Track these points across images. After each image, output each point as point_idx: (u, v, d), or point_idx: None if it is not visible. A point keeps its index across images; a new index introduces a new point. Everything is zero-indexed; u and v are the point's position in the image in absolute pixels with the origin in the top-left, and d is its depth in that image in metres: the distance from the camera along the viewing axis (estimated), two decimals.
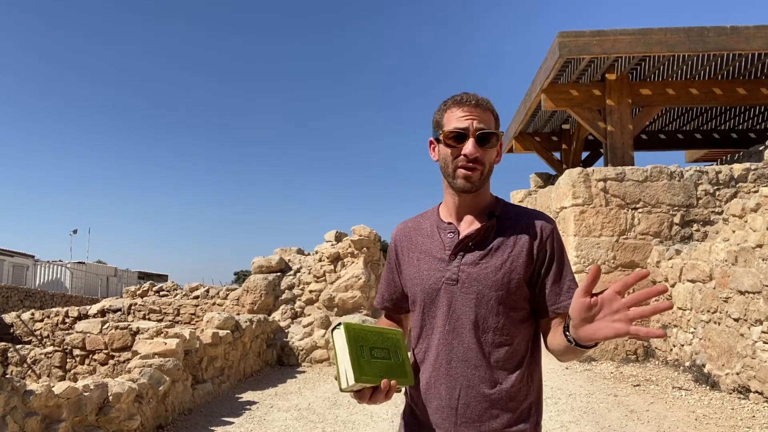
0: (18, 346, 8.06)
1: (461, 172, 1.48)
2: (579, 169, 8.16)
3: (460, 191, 1.51)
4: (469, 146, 1.45)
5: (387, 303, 1.72)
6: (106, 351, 7.73)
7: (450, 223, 1.57)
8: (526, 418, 1.48)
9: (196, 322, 10.32)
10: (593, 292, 1.23)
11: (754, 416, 5.00)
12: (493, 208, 1.56)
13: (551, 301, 1.49)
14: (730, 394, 5.73)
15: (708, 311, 6.29)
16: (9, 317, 10.04)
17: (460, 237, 1.53)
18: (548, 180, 12.72)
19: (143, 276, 33.65)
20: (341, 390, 1.36)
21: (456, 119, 1.48)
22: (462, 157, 1.47)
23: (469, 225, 1.55)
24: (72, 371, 7.73)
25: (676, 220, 7.89)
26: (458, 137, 1.47)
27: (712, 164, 10.44)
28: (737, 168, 8.00)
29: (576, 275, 7.78)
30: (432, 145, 1.58)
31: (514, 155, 14.23)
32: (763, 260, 5.33)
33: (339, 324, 1.40)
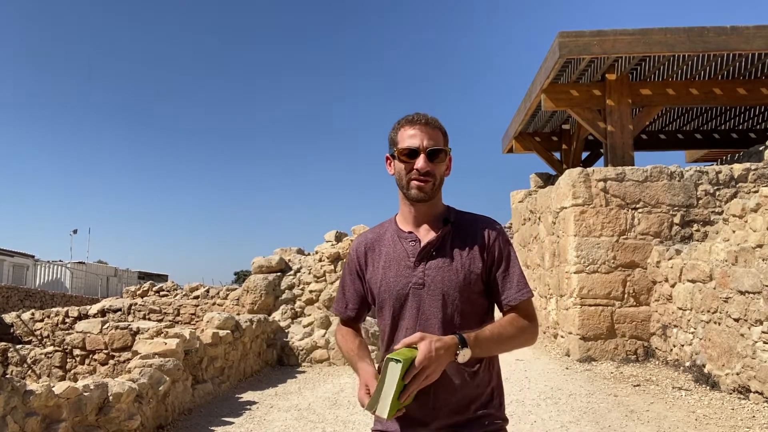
0: (18, 346, 8.06)
1: (414, 183, 1.64)
2: (579, 169, 8.15)
3: (415, 201, 1.67)
4: (420, 162, 1.63)
5: (350, 312, 1.82)
6: (106, 351, 7.73)
7: (410, 232, 1.70)
8: (490, 400, 1.66)
9: (196, 322, 10.32)
10: None
11: (754, 416, 5.00)
12: (446, 216, 1.72)
13: (503, 296, 1.66)
14: (730, 394, 5.73)
15: (708, 311, 6.29)
16: (9, 317, 10.04)
17: (422, 244, 1.67)
18: (548, 180, 12.72)
19: (143, 276, 33.66)
20: (370, 411, 1.47)
21: (408, 137, 1.65)
22: (415, 171, 1.63)
23: (427, 232, 1.69)
24: (72, 371, 7.73)
25: (676, 220, 7.89)
26: (410, 154, 1.64)
27: (712, 164, 10.43)
28: (737, 168, 8.00)
29: (575, 275, 7.82)
30: (388, 161, 1.74)
31: (514, 155, 14.22)
32: (763, 260, 5.33)
33: (398, 359, 1.42)
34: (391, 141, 1.71)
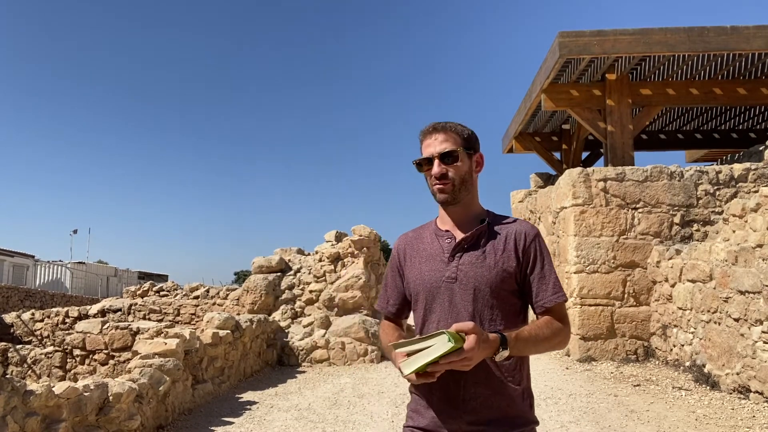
0: (18, 346, 8.06)
1: (435, 188, 1.74)
2: (579, 169, 8.15)
3: (442, 204, 1.77)
4: (434, 167, 1.72)
5: (391, 308, 1.90)
6: (106, 351, 7.73)
7: (447, 231, 1.79)
8: (521, 402, 1.68)
9: (196, 322, 10.33)
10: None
11: (754, 416, 5.01)
12: (483, 217, 1.79)
13: (538, 298, 1.70)
14: (731, 394, 5.73)
15: (708, 311, 6.29)
16: (9, 317, 10.04)
17: (457, 241, 1.74)
18: (548, 180, 12.72)
19: (143, 276, 33.66)
20: (393, 348, 1.54)
21: (424, 148, 1.76)
22: (432, 177, 1.73)
23: (463, 232, 1.76)
24: (72, 371, 7.74)
25: (676, 220, 7.89)
26: (428, 162, 1.75)
27: (712, 164, 10.43)
28: (737, 168, 8.00)
29: (575, 275, 7.81)
30: None
31: (514, 155, 14.22)
32: (763, 260, 5.33)
33: (451, 339, 1.44)
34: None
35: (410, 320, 1.91)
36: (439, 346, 1.45)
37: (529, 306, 1.76)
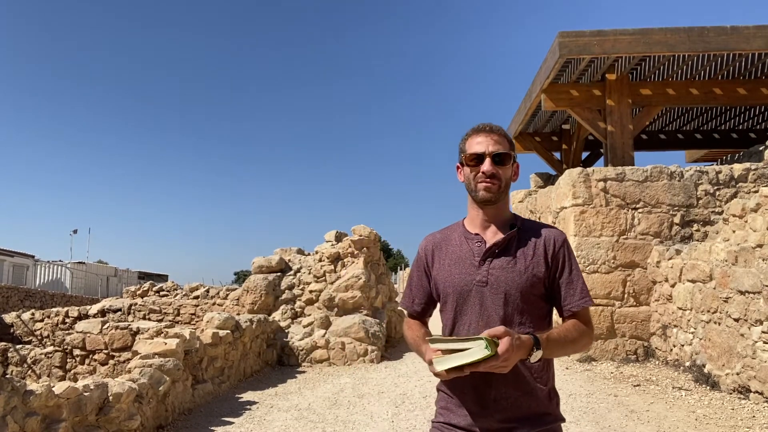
0: (18, 346, 8.06)
1: (481, 185, 1.76)
2: (579, 169, 8.15)
3: (482, 202, 1.78)
4: (486, 165, 1.75)
5: (417, 307, 1.93)
6: (106, 351, 7.73)
7: (477, 234, 1.81)
8: (549, 401, 1.74)
9: (196, 322, 10.32)
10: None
11: (754, 416, 5.01)
12: (513, 222, 1.82)
13: (566, 302, 1.75)
14: (731, 394, 5.73)
15: (708, 311, 6.29)
16: (9, 317, 10.04)
17: (488, 245, 1.77)
18: (548, 180, 12.72)
19: (143, 276, 33.68)
20: (428, 343, 1.57)
21: (475, 144, 1.78)
22: (481, 174, 1.75)
23: (493, 235, 1.80)
24: (72, 371, 7.74)
25: (676, 220, 7.88)
26: (477, 158, 1.76)
27: (712, 164, 10.43)
28: (737, 168, 7.99)
29: None
30: (458, 169, 1.86)
31: None
32: (763, 260, 5.33)
33: (488, 347, 1.47)
34: (460, 150, 1.83)
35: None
36: (476, 350, 1.47)
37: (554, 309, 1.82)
